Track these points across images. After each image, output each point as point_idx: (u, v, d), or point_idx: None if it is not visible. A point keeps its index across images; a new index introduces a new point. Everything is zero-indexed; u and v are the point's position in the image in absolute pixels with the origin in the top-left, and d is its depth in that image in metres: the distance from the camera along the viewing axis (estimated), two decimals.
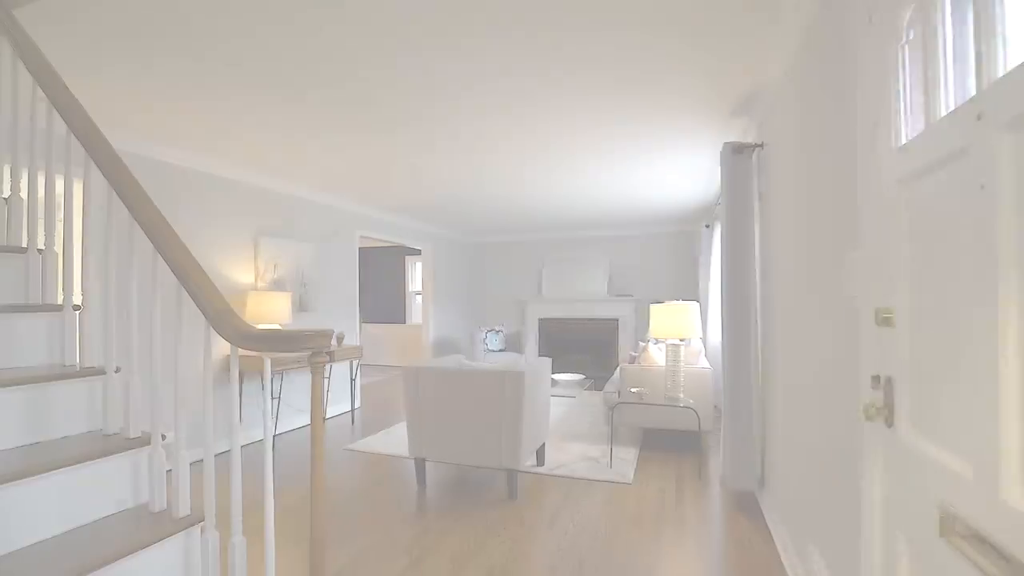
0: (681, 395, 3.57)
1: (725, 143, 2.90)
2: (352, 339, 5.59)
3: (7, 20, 1.75)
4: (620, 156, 3.89)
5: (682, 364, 3.58)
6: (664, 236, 7.50)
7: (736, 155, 2.89)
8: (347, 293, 5.58)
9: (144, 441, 1.47)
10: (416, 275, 9.32)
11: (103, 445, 1.42)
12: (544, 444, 3.58)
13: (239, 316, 1.33)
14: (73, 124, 1.55)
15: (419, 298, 9.17)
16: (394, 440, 4.30)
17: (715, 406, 5.24)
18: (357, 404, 5.60)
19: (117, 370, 1.52)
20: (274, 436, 4.43)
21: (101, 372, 1.55)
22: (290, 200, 4.78)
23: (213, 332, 1.34)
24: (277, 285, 4.54)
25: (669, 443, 4.18)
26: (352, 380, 5.26)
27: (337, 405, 5.33)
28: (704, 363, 4.13)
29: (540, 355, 8.11)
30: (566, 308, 7.89)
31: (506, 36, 2.13)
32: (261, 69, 2.41)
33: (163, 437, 1.45)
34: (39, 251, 1.70)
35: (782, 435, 2.42)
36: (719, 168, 4.23)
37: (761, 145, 2.79)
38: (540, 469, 3.52)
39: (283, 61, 2.34)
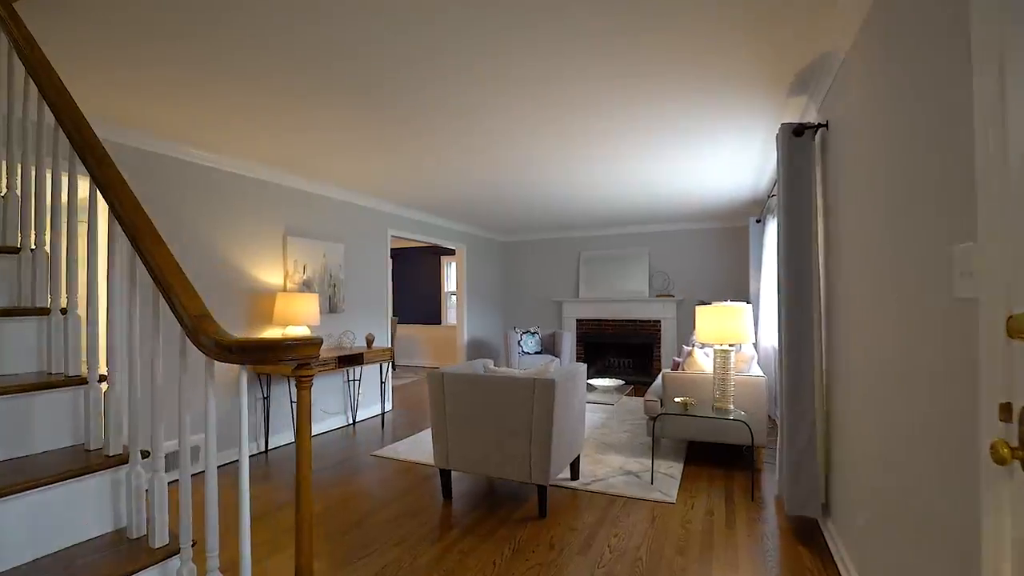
0: (731, 406, 3.23)
1: (782, 124, 2.57)
2: (382, 341, 5.51)
3: (6, 14, 1.68)
4: (663, 145, 3.58)
5: (732, 372, 3.24)
6: (710, 232, 7.05)
7: (795, 137, 2.55)
8: (378, 294, 5.49)
9: (125, 459, 1.34)
10: (451, 275, 9.22)
11: (82, 463, 1.30)
12: (579, 456, 3.33)
13: (216, 323, 1.17)
14: (61, 117, 1.45)
15: (454, 298, 9.07)
16: (422, 446, 4.15)
17: (769, 416, 4.83)
18: (388, 407, 5.51)
19: (101, 379, 1.40)
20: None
21: (86, 382, 1.44)
22: (319, 200, 4.72)
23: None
24: (306, 286, 4.48)
25: (717, 457, 3.83)
26: (383, 383, 5.16)
27: (368, 408, 5.25)
28: (756, 371, 3.76)
29: (577, 358, 7.82)
30: (604, 309, 7.56)
31: (537, 18, 1.91)
32: (292, 69, 2.29)
33: (143, 455, 1.31)
34: (31, 251, 1.62)
35: (855, 459, 2.08)
36: (773, 155, 3.86)
37: (825, 124, 2.45)
38: (574, 483, 3.27)
39: (312, 60, 2.21)
